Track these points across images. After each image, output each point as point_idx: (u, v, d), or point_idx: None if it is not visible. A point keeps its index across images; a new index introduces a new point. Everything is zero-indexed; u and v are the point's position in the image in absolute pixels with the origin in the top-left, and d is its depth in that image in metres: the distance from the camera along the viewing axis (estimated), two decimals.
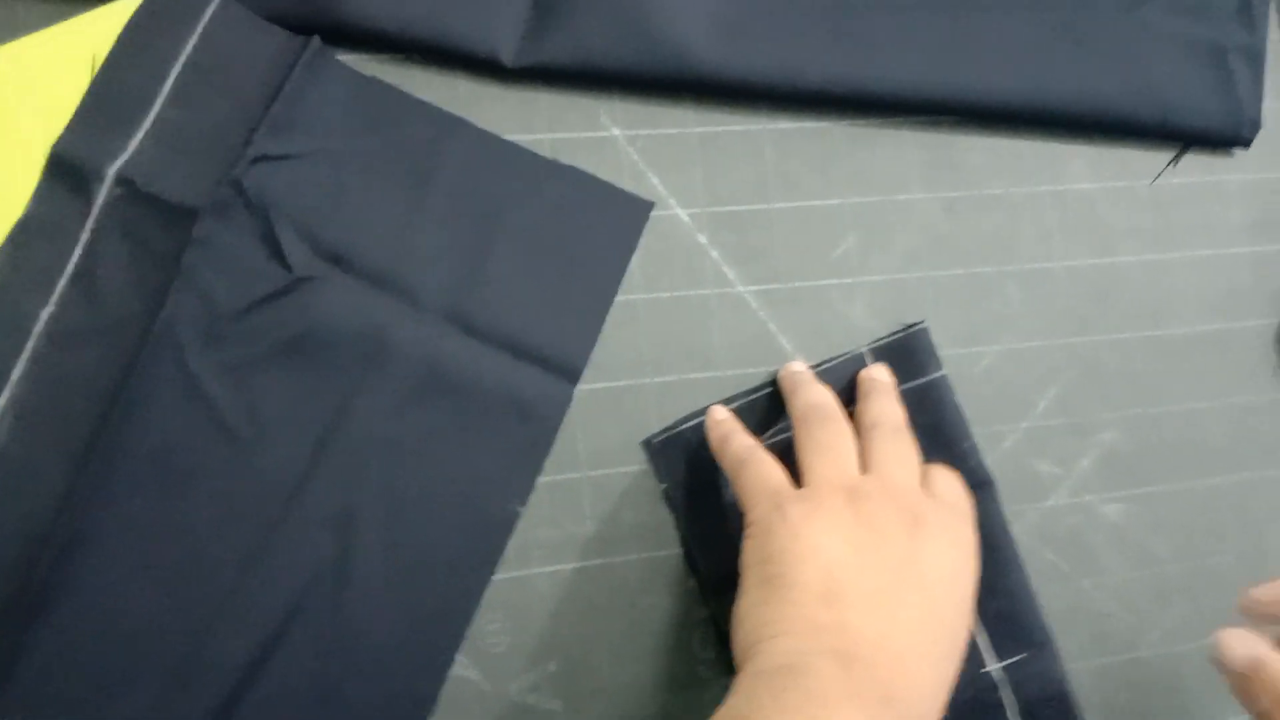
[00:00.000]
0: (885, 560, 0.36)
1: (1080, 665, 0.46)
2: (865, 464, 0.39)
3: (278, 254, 0.41)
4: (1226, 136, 0.50)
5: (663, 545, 0.44)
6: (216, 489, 0.40)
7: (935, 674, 0.35)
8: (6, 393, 0.39)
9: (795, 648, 0.34)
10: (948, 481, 0.40)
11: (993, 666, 0.43)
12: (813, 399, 0.42)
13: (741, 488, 0.40)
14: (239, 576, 0.39)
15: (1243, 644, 0.36)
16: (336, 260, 0.42)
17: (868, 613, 0.35)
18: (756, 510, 0.38)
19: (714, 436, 0.42)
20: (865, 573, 0.36)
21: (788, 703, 0.32)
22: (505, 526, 0.42)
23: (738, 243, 0.46)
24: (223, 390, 0.40)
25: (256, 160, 0.41)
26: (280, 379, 0.41)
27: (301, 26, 0.43)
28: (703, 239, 0.46)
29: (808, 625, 0.34)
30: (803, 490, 0.38)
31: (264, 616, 0.39)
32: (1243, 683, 0.36)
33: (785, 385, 0.44)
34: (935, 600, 0.36)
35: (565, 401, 0.43)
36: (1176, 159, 0.51)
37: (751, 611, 0.36)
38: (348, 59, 0.43)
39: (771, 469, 0.39)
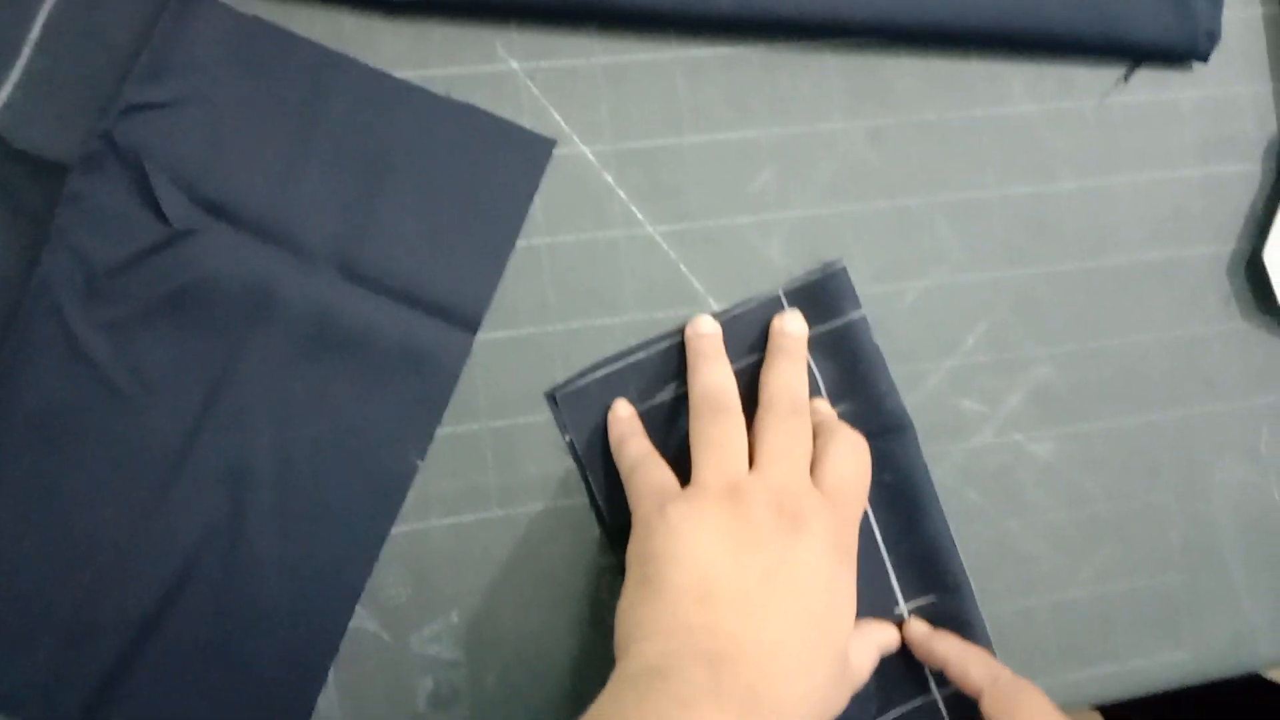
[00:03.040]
0: (760, 562, 0.36)
1: (1005, 607, 0.45)
2: (754, 452, 0.39)
3: (154, 207, 0.40)
4: (1180, 50, 0.47)
5: (567, 495, 0.43)
6: (104, 448, 0.39)
7: (806, 675, 0.35)
8: None
9: (665, 649, 0.34)
10: (841, 463, 0.39)
11: (903, 608, 0.43)
12: (709, 385, 0.41)
13: (631, 490, 0.40)
14: (130, 536, 0.39)
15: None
16: (217, 211, 0.40)
17: (739, 614, 0.35)
18: (640, 509, 0.38)
19: (613, 435, 0.42)
20: (739, 574, 0.35)
21: (649, 707, 0.32)
22: (403, 479, 0.41)
23: (647, 181, 0.44)
24: (105, 349, 0.40)
25: (128, 110, 0.39)
26: (164, 335, 0.40)
27: None
28: (609, 178, 0.44)
29: (679, 626, 0.34)
30: (686, 490, 0.38)
31: (157, 575, 0.39)
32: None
33: (689, 351, 0.42)
34: (808, 603, 0.36)
35: (464, 351, 0.42)
36: (1128, 75, 0.48)
37: (629, 612, 0.36)
38: None
39: (661, 472, 0.39)
